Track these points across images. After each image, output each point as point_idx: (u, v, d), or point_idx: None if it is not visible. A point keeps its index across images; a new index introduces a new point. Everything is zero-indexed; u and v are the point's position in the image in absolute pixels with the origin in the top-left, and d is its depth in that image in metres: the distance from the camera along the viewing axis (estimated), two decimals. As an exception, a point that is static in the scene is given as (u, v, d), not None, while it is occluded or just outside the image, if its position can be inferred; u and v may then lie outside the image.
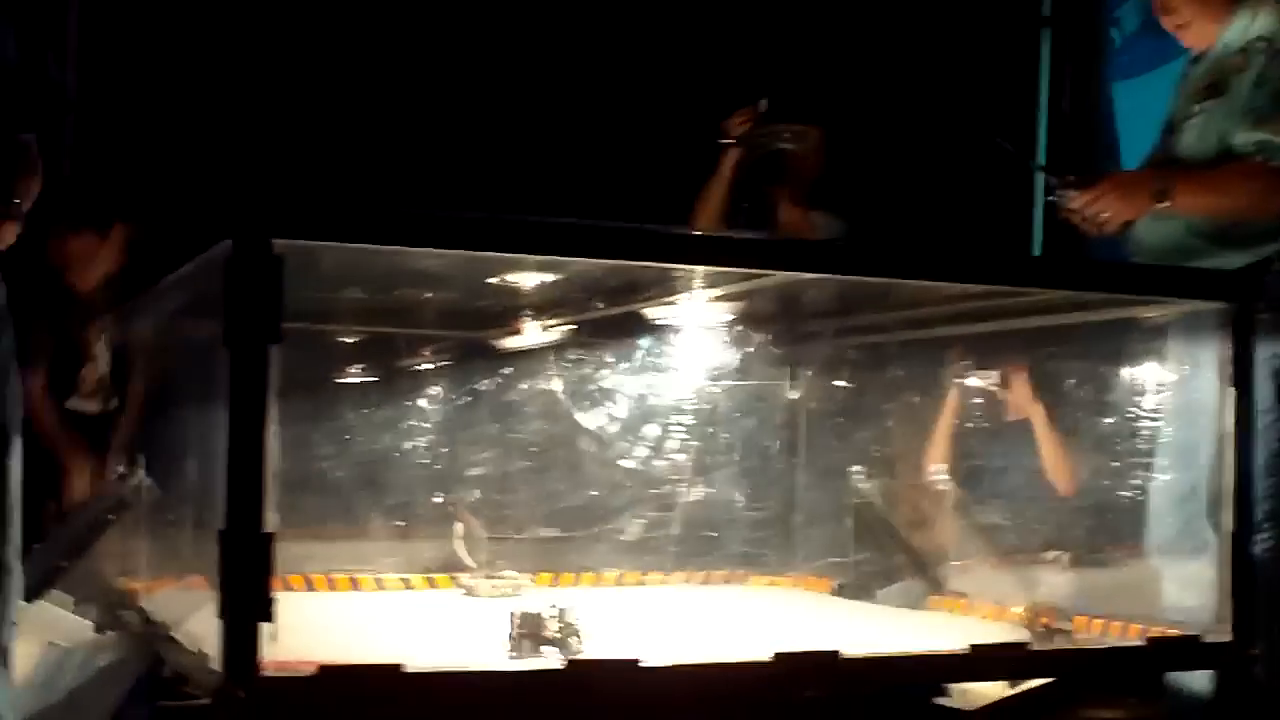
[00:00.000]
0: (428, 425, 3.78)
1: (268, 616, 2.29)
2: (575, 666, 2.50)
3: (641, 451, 3.77)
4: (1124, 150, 5.78)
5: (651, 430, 3.77)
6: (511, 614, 2.64)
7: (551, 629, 2.62)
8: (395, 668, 2.37)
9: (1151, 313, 3.38)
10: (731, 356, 3.79)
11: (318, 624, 3.02)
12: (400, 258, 2.65)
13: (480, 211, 2.58)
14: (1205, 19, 3.60)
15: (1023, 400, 4.41)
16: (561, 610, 2.63)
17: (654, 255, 2.75)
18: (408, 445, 3.76)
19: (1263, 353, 3.18)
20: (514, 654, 2.60)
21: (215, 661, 2.32)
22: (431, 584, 3.75)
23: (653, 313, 3.43)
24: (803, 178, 4.82)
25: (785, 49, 5.55)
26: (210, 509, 2.41)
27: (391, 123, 5.35)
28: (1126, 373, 3.62)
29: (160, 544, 3.25)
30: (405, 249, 2.54)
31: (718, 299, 3.34)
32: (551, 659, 2.56)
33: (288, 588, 3.49)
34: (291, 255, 2.32)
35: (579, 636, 2.62)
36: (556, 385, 3.79)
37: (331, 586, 3.66)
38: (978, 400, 4.25)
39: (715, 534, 3.92)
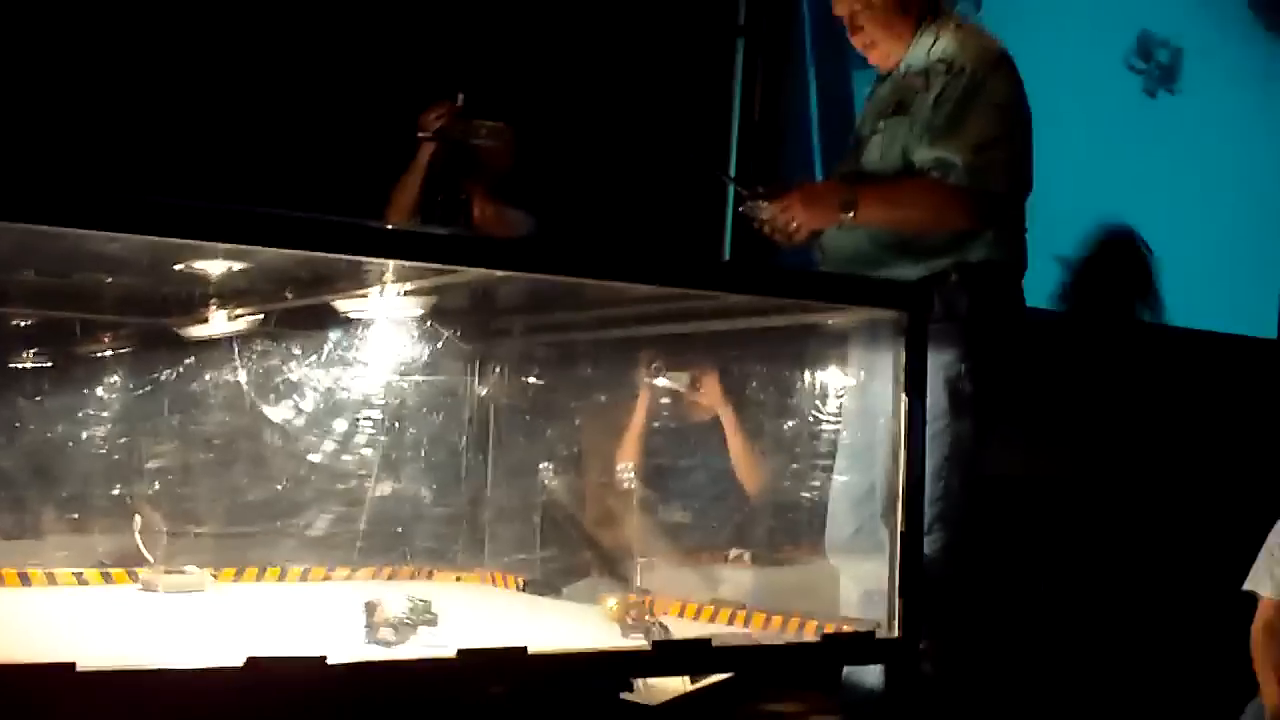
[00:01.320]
0: (106, 415, 3.65)
1: (-75, 614, 2.18)
2: (256, 664, 2.44)
3: (329, 446, 3.72)
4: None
5: (339, 425, 3.72)
6: (367, 604, 2.73)
7: (408, 619, 2.73)
8: (68, 666, 2.28)
9: (835, 319, 3.48)
10: (421, 351, 3.76)
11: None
12: (77, 240, 2.55)
13: (168, 196, 2.50)
14: (890, 40, 3.73)
15: (711, 401, 4.48)
16: (415, 604, 2.77)
17: (344, 247, 2.72)
18: (84, 435, 3.62)
19: (935, 361, 3.32)
20: (370, 642, 2.70)
21: None
22: (108, 579, 3.62)
23: (342, 305, 3.38)
24: (496, 174, 4.83)
25: (482, 45, 5.53)
26: None
27: (77, 103, 5.15)
28: (810, 377, 3.72)
29: None
30: (81, 231, 2.45)
31: (408, 293, 3.31)
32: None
33: (-50, 584, 3.34)
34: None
35: (435, 627, 2.76)
36: (242, 377, 3.70)
37: (-1, 582, 3.51)
38: (667, 400, 4.31)
39: (402, 530, 3.89)
